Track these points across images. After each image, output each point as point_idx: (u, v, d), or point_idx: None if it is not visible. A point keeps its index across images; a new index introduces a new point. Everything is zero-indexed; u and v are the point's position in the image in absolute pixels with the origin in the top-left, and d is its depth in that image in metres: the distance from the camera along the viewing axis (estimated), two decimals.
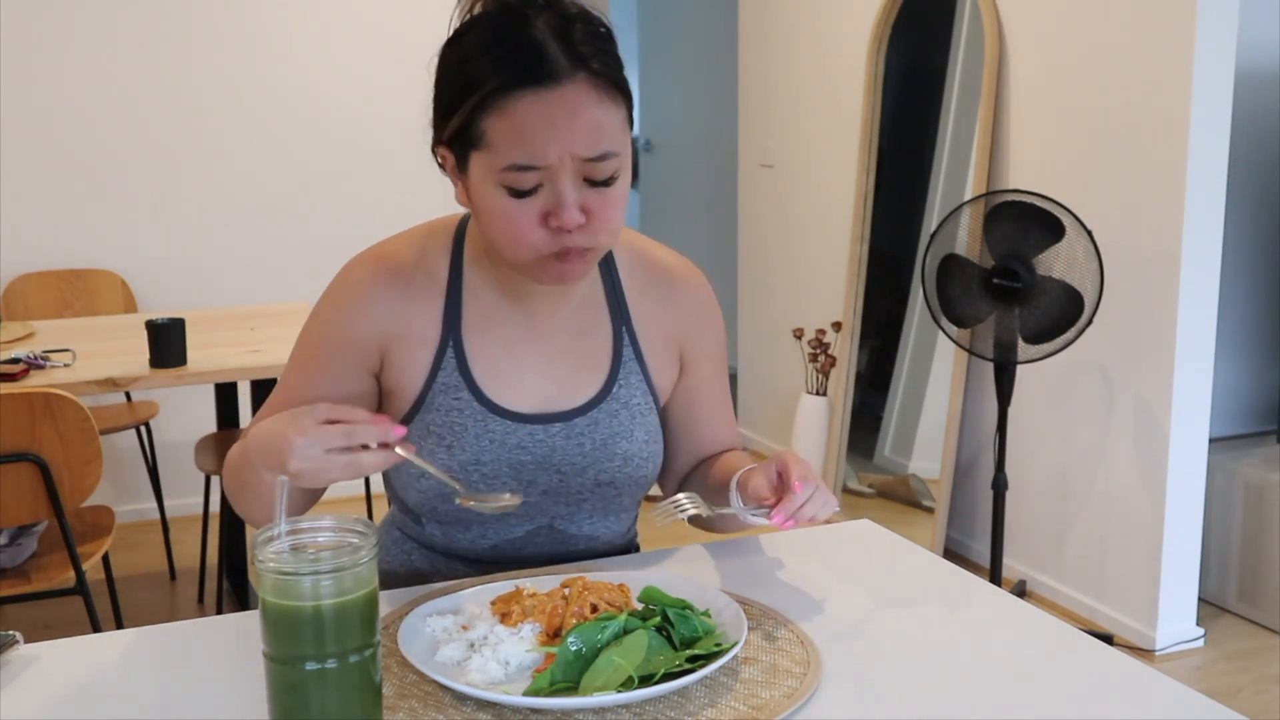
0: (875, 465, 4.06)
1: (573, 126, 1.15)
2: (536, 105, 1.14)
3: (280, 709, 0.91)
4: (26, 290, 3.74)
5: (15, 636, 1.13)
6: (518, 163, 1.15)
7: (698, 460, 1.46)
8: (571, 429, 1.32)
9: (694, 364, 1.42)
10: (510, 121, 1.15)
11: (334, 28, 4.09)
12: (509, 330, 1.32)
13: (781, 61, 4.47)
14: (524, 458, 1.30)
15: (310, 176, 4.11)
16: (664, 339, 1.39)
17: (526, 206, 1.17)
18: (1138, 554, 3.12)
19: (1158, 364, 3.01)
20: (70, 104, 3.83)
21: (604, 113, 1.17)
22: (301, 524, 0.94)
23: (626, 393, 1.35)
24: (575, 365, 1.34)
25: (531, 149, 1.15)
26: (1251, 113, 3.31)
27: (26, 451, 2.27)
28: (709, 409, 1.44)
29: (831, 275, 4.20)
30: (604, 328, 1.36)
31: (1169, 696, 1.05)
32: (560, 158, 1.15)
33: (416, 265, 1.32)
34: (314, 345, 1.32)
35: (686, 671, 1.01)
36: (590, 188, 1.18)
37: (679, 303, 1.40)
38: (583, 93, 1.16)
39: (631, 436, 1.34)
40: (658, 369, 1.38)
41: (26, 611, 3.11)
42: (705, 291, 1.44)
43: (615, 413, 1.33)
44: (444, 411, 1.30)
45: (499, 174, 1.17)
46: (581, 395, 1.33)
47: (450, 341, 1.31)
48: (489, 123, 1.16)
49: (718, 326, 1.45)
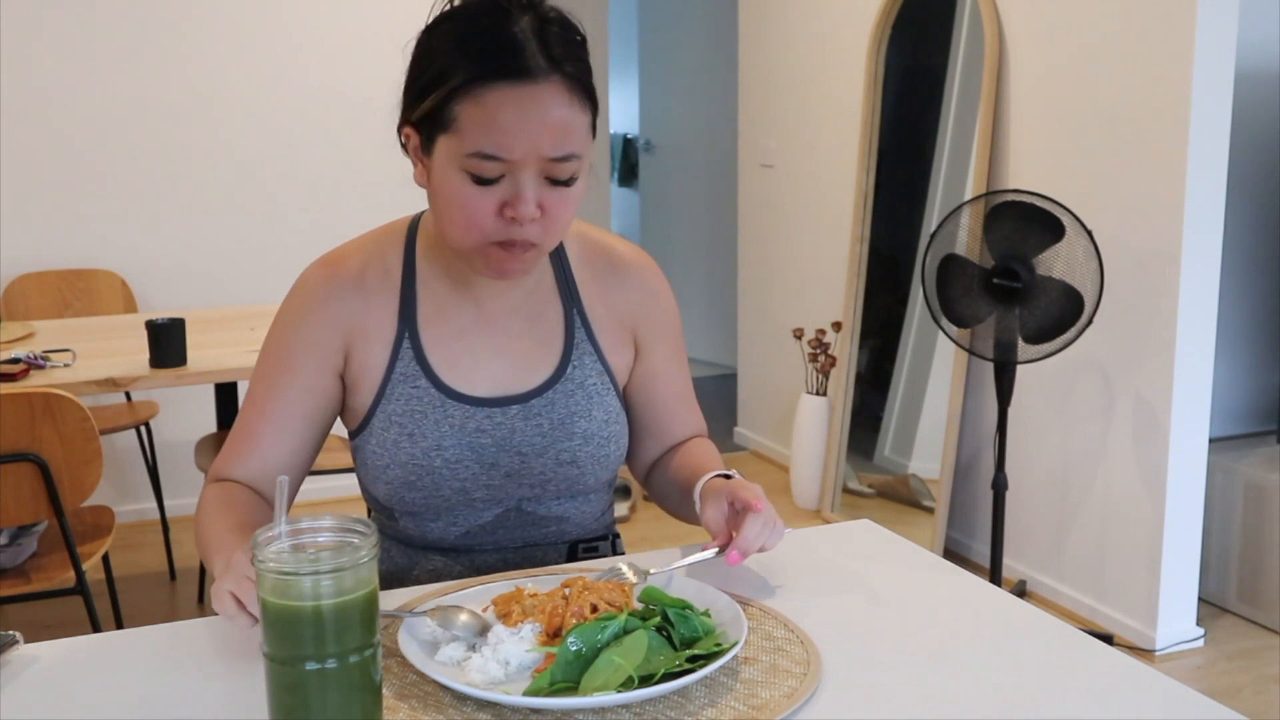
0: (875, 465, 4.06)
1: (543, 125, 1.19)
2: (511, 99, 1.18)
3: (280, 709, 0.91)
4: (26, 290, 3.74)
5: (15, 636, 1.13)
6: (485, 151, 1.19)
7: (664, 449, 1.50)
8: (529, 410, 1.37)
9: (648, 347, 1.46)
10: (483, 110, 1.19)
11: (334, 28, 4.09)
12: (462, 319, 1.37)
13: (781, 61, 4.47)
14: (484, 440, 1.35)
15: (311, 176, 4.11)
16: (616, 321, 1.43)
17: (485, 195, 1.21)
18: (1138, 554, 3.12)
19: (1158, 364, 3.01)
20: (70, 104, 3.83)
21: (573, 115, 1.21)
22: (301, 524, 0.94)
23: (581, 373, 1.39)
24: (528, 349, 1.39)
25: (500, 140, 1.19)
26: (1251, 113, 3.31)
27: (26, 451, 2.27)
28: (668, 394, 1.48)
29: (831, 275, 4.20)
30: (555, 311, 1.40)
31: (1169, 696, 1.05)
32: (526, 154, 1.19)
33: (369, 265, 1.38)
34: (278, 353, 1.37)
35: (686, 671, 1.01)
36: (549, 186, 1.22)
37: (629, 286, 1.44)
38: (556, 93, 1.20)
39: (590, 416, 1.38)
40: (611, 349, 1.42)
41: (26, 611, 3.11)
42: (655, 276, 1.47)
43: (571, 393, 1.38)
44: (404, 400, 1.35)
45: (464, 159, 1.20)
46: (536, 377, 1.38)
47: (406, 334, 1.36)
48: (462, 108, 1.20)
49: (670, 309, 1.48)
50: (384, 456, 1.35)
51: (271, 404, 1.35)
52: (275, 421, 1.35)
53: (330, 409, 1.39)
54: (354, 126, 4.11)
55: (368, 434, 1.37)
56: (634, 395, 1.47)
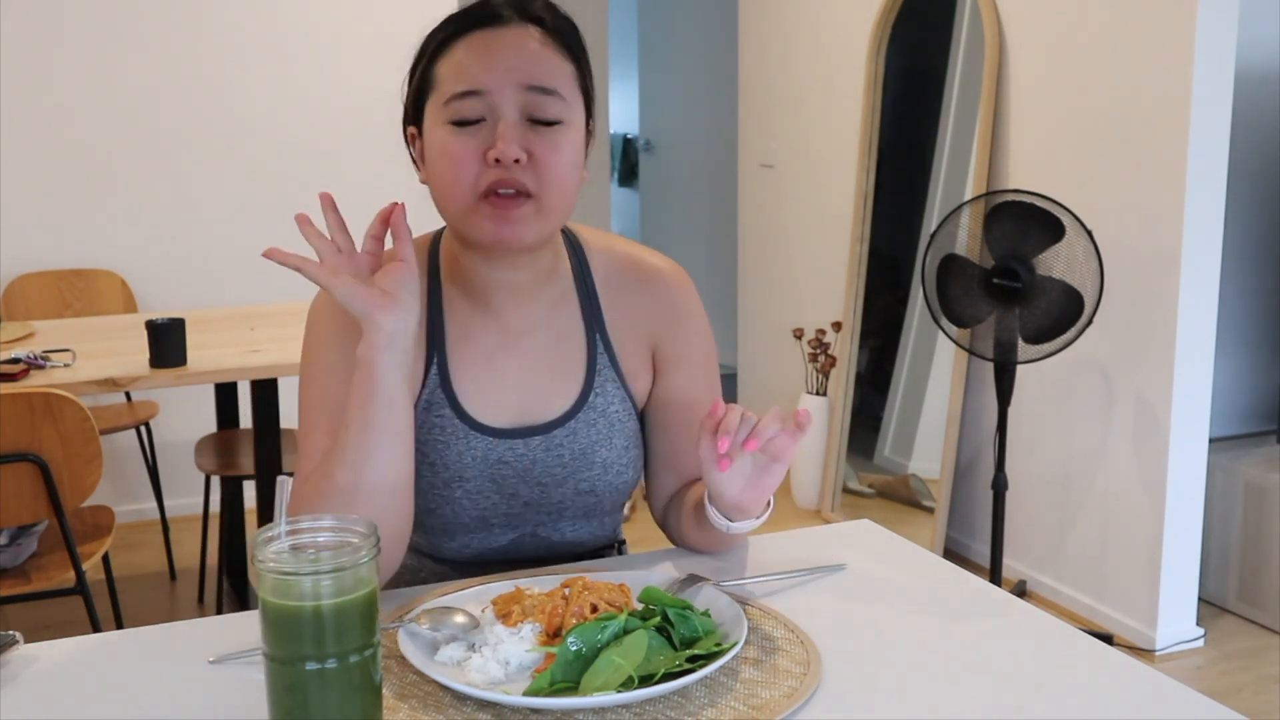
0: (875, 465, 4.06)
1: (514, 54, 1.21)
2: (479, 39, 1.21)
3: (280, 709, 0.91)
4: (26, 290, 3.74)
5: (15, 636, 1.13)
6: (459, 90, 1.20)
7: (681, 482, 1.39)
8: (551, 441, 1.32)
9: (668, 368, 1.37)
10: (455, 57, 1.22)
11: (334, 29, 4.09)
12: (486, 339, 1.32)
13: (781, 61, 4.47)
14: (505, 472, 1.31)
15: (311, 177, 4.11)
16: (636, 340, 1.36)
17: (469, 140, 1.20)
18: (1138, 554, 3.12)
19: (1158, 364, 3.01)
20: (70, 104, 3.83)
21: (549, 54, 1.22)
22: (301, 524, 0.94)
23: (604, 401, 1.33)
24: (551, 375, 1.33)
25: (471, 74, 1.20)
26: (1251, 113, 3.31)
27: (26, 451, 2.27)
28: (689, 422, 1.34)
29: (831, 275, 4.20)
30: (577, 333, 1.34)
31: (1169, 696, 1.05)
32: (500, 83, 1.19)
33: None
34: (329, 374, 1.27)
35: (686, 671, 1.01)
36: (533, 128, 1.21)
37: (650, 297, 1.36)
38: (526, 34, 1.22)
39: (610, 444, 1.33)
40: (632, 374, 1.36)
41: (26, 611, 3.10)
42: (682, 290, 1.38)
43: (593, 422, 1.33)
44: (426, 429, 1.30)
45: (444, 109, 1.21)
46: (559, 406, 1.33)
47: (435, 358, 1.31)
48: (438, 67, 1.22)
49: (696, 330, 1.38)
50: None
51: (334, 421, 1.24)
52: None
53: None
54: (356, 127, 4.11)
55: None
56: (650, 420, 1.38)
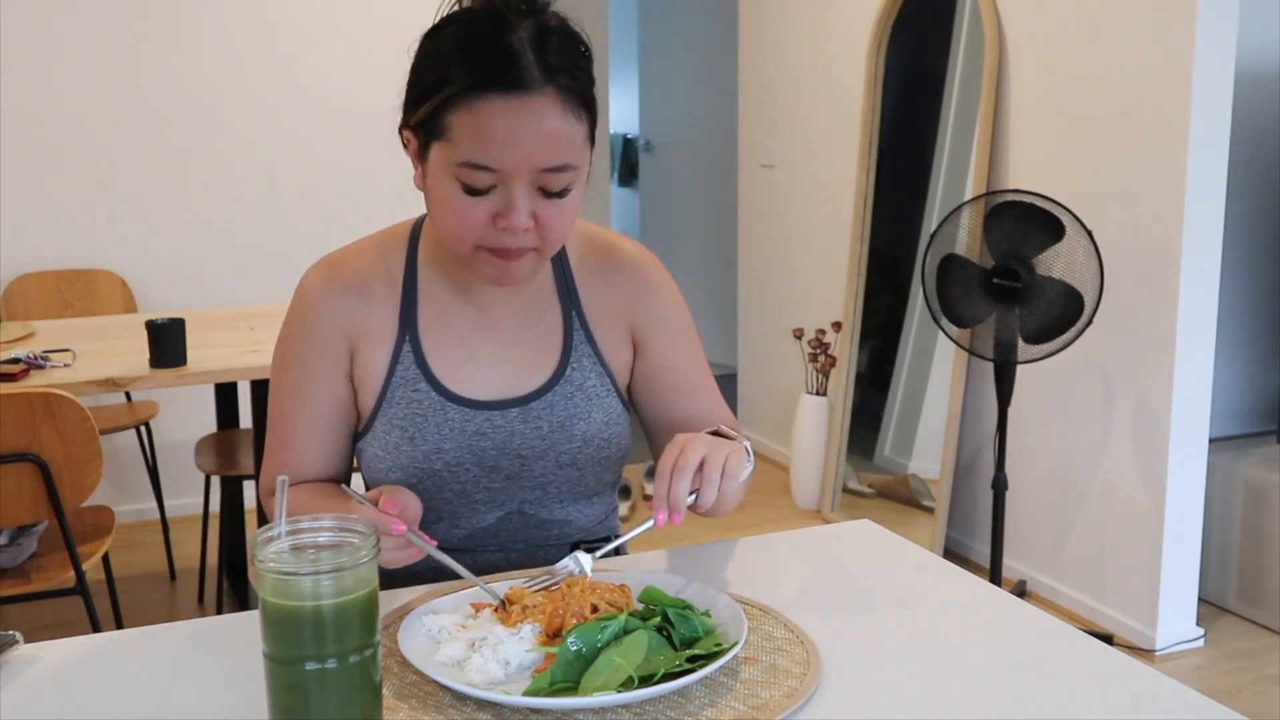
0: (875, 465, 4.06)
1: (534, 137, 1.19)
2: (502, 110, 1.18)
3: (280, 709, 0.91)
4: (26, 290, 3.74)
5: (15, 636, 1.13)
6: (475, 161, 1.19)
7: None
8: (528, 413, 1.37)
9: (648, 342, 1.44)
10: (474, 120, 1.19)
11: (334, 28, 4.09)
12: (462, 324, 1.38)
13: (781, 61, 4.47)
14: (484, 443, 1.36)
15: (311, 177, 4.11)
16: (613, 320, 1.42)
17: (477, 205, 1.22)
18: (1138, 554, 3.12)
19: (1158, 364, 3.01)
20: (71, 104, 3.83)
21: (567, 126, 1.21)
22: (301, 524, 0.94)
23: (580, 375, 1.39)
24: (528, 352, 1.39)
25: (490, 151, 1.19)
26: (1251, 113, 3.31)
27: (26, 451, 2.27)
28: (677, 385, 1.44)
29: (831, 275, 4.20)
30: (554, 313, 1.40)
31: (1169, 696, 1.05)
32: (517, 166, 1.19)
33: (373, 267, 1.38)
34: (294, 365, 1.38)
35: (686, 671, 1.01)
36: (543, 197, 1.22)
37: (625, 281, 1.42)
38: (549, 104, 1.19)
39: (589, 418, 1.38)
40: (610, 350, 1.42)
41: (26, 611, 3.10)
42: (654, 269, 1.45)
43: (570, 395, 1.38)
44: (404, 404, 1.35)
45: (455, 168, 1.21)
46: (536, 380, 1.38)
47: (407, 337, 1.36)
48: (454, 118, 1.20)
49: (670, 302, 1.45)
50: (385, 459, 1.36)
51: (302, 415, 1.37)
52: (309, 433, 1.37)
53: (354, 410, 1.39)
54: (355, 127, 4.11)
55: (370, 437, 1.38)
56: (640, 393, 1.45)
